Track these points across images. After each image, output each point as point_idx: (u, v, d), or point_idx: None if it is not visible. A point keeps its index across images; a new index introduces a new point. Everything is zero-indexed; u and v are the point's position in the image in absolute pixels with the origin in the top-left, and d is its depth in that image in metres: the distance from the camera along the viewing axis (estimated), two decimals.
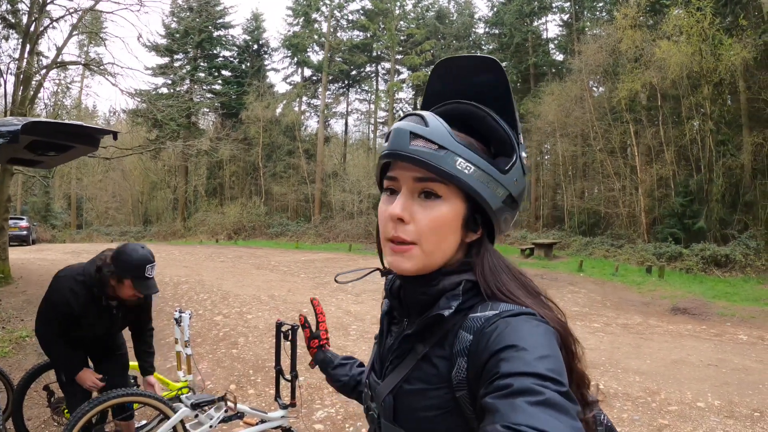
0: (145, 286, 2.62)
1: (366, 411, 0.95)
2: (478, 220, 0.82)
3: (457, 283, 0.81)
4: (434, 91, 0.91)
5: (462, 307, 0.79)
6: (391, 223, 0.80)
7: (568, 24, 28.65)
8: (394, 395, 0.84)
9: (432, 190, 0.79)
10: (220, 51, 35.62)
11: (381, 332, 0.98)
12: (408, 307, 0.88)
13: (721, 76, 15.86)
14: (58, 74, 12.59)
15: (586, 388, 0.83)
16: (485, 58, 0.85)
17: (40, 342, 2.79)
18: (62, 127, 2.62)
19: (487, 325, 0.73)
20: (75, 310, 2.65)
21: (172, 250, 20.81)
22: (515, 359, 0.65)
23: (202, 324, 7.46)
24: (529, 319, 0.73)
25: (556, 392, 0.60)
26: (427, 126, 0.77)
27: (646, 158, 19.65)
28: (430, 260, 0.81)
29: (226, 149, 29.06)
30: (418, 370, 0.81)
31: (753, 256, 13.90)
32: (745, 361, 6.10)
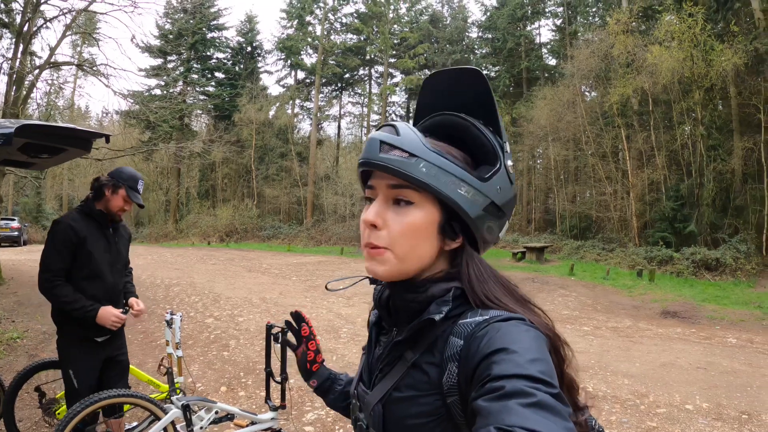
0: (135, 197, 2.89)
1: (354, 422, 0.94)
2: (456, 227, 0.82)
3: (446, 290, 0.81)
4: (425, 104, 0.92)
5: (451, 313, 0.80)
6: (367, 230, 0.82)
7: (561, 29, 28.85)
8: (383, 404, 0.83)
9: (404, 197, 0.80)
10: (214, 53, 35.58)
11: (369, 343, 0.98)
12: (397, 315, 0.88)
13: (712, 81, 15.98)
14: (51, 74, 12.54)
15: (577, 392, 0.83)
16: (466, 70, 0.86)
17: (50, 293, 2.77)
18: (54, 130, 2.62)
19: (478, 329, 0.74)
20: (79, 232, 2.79)
21: (164, 252, 20.75)
22: (507, 362, 0.65)
23: (193, 326, 7.44)
24: (519, 323, 0.73)
25: (547, 394, 0.60)
26: (398, 135, 0.79)
27: (638, 162, 19.77)
28: (404, 266, 0.81)
29: (219, 151, 28.98)
30: (408, 378, 0.81)
31: (743, 259, 14.00)
32: (733, 364, 6.15)
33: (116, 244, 3.02)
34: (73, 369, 2.85)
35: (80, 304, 2.77)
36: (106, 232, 2.95)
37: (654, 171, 18.79)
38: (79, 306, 2.76)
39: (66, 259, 2.79)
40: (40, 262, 2.80)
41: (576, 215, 22.65)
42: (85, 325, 2.83)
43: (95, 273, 2.86)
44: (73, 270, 2.82)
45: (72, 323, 2.84)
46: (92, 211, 2.90)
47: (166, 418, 2.92)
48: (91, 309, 2.78)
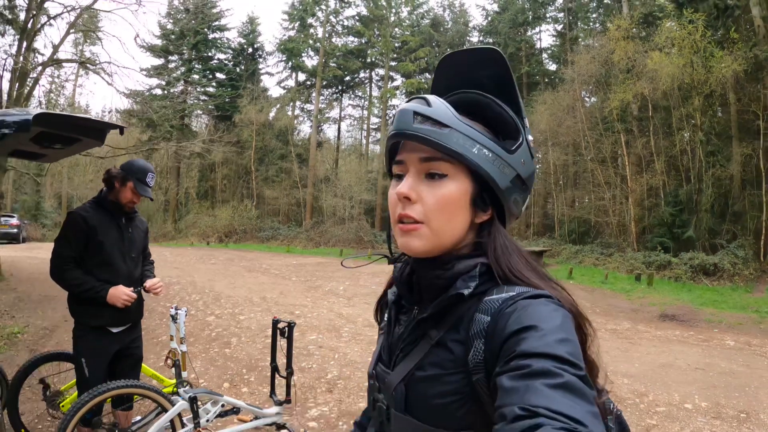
0: (143, 189, 2.90)
1: (373, 403, 0.90)
2: (486, 199, 0.82)
3: (473, 266, 0.81)
4: (439, 86, 0.92)
5: (477, 290, 0.79)
6: (400, 204, 0.82)
7: (562, 34, 28.97)
8: (405, 383, 0.81)
9: (437, 170, 0.80)
10: (215, 53, 35.68)
11: (389, 321, 0.95)
12: (421, 292, 0.87)
13: (711, 87, 16.05)
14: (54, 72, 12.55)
15: (596, 375, 0.82)
16: (487, 50, 0.86)
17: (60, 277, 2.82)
18: (71, 120, 2.66)
19: (506, 306, 0.73)
20: (89, 222, 2.84)
21: (163, 252, 20.74)
22: (535, 339, 0.65)
23: (194, 324, 7.46)
24: (548, 302, 0.73)
25: (574, 376, 0.59)
26: (430, 106, 0.79)
27: (637, 168, 19.83)
28: (440, 240, 0.81)
29: (219, 152, 29.01)
30: (432, 356, 0.80)
31: (741, 265, 14.06)
32: (732, 365, 6.19)
33: (130, 234, 3.05)
34: (85, 358, 2.89)
35: (90, 285, 2.81)
36: (118, 222, 2.99)
37: (653, 176, 18.85)
38: (89, 287, 2.81)
39: (75, 247, 2.84)
40: (52, 250, 2.86)
41: (575, 220, 22.71)
42: (103, 314, 2.87)
43: (106, 261, 2.90)
44: (85, 258, 2.87)
45: (88, 312, 2.88)
46: (104, 202, 2.96)
47: (174, 409, 2.95)
48: (101, 289, 2.83)
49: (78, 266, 2.86)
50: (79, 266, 2.86)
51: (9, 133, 2.13)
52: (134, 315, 3.08)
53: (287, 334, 3.62)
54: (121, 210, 2.99)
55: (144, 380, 4.38)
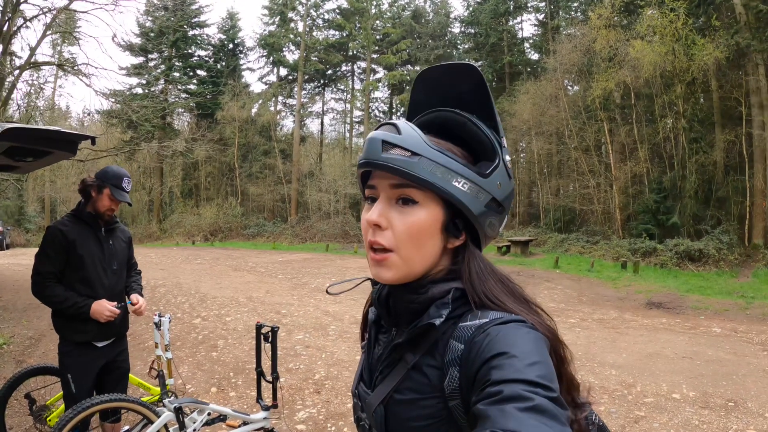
0: (120, 195, 2.87)
1: (357, 422, 0.94)
2: (459, 225, 0.81)
3: (446, 291, 0.81)
4: (418, 101, 0.91)
5: (452, 315, 0.79)
6: (370, 230, 0.81)
7: (544, 23, 28.98)
8: (384, 406, 0.83)
9: (408, 196, 0.79)
10: (195, 50, 35.23)
11: (369, 341, 0.96)
12: (397, 315, 0.87)
13: (693, 75, 16.18)
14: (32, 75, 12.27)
15: (576, 391, 0.83)
16: (462, 65, 0.85)
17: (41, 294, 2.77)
18: (40, 133, 2.58)
19: (478, 333, 0.74)
20: (68, 236, 2.79)
21: (149, 253, 20.53)
22: (506, 366, 0.65)
23: (180, 327, 7.38)
24: (519, 326, 0.73)
25: (545, 398, 0.60)
26: (400, 134, 0.78)
27: (620, 156, 19.96)
28: (410, 268, 0.81)
29: (202, 150, 28.72)
30: (409, 380, 0.81)
31: (726, 250, 14.23)
32: (719, 353, 6.24)
33: (111, 246, 2.99)
34: (71, 374, 2.84)
35: (72, 301, 2.76)
36: (98, 234, 2.93)
37: (637, 164, 18.98)
38: (71, 303, 2.76)
39: (55, 262, 2.79)
40: (33, 267, 2.81)
41: (560, 208, 22.82)
42: (87, 329, 2.82)
43: (87, 275, 2.85)
44: (66, 273, 2.82)
45: (72, 328, 2.84)
46: (82, 214, 2.90)
47: (159, 421, 2.90)
48: (83, 305, 2.77)
49: (59, 282, 2.81)
50: (61, 281, 2.82)
51: None
52: (119, 328, 3.02)
53: (271, 339, 3.57)
54: (99, 221, 2.94)
55: (130, 389, 4.32)
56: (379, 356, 0.89)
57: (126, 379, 3.20)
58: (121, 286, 3.09)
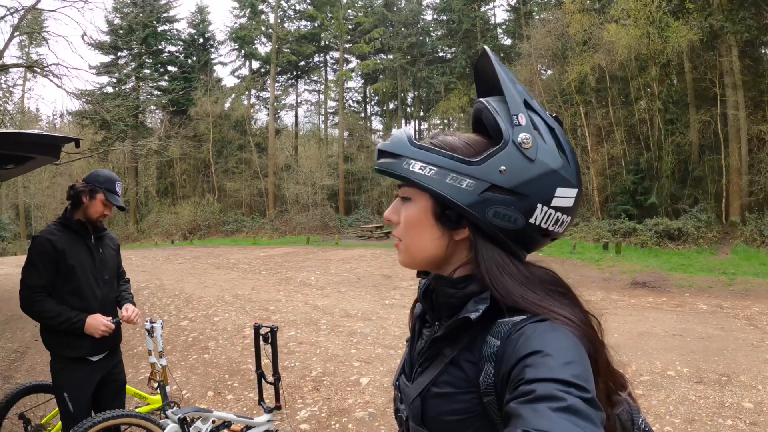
0: (114, 199, 2.78)
1: (395, 413, 0.96)
2: (452, 215, 0.82)
3: (485, 287, 0.80)
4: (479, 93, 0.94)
5: (490, 311, 0.78)
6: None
7: (516, 9, 29.00)
8: (422, 398, 0.84)
9: (404, 194, 0.88)
10: (166, 46, 34.67)
11: (413, 335, 0.99)
12: (439, 309, 0.88)
13: (668, 57, 16.39)
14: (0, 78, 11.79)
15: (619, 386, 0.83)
16: (480, 51, 0.90)
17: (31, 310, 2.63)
18: (20, 138, 2.44)
19: (514, 330, 0.74)
20: (57, 246, 2.65)
21: (128, 255, 20.19)
22: (540, 365, 0.65)
23: (169, 330, 7.25)
24: (554, 325, 0.73)
25: (579, 398, 0.60)
26: (389, 141, 0.86)
27: (597, 138, 20.17)
28: (411, 256, 0.88)
29: (176, 147, 28.34)
30: (447, 374, 0.82)
31: (704, 228, 14.51)
32: (707, 329, 6.36)
33: (101, 255, 2.86)
34: (67, 392, 2.71)
35: (65, 316, 2.62)
36: (88, 242, 2.81)
37: (613, 146, 19.20)
38: (64, 318, 2.61)
39: (45, 275, 2.64)
40: (20, 281, 2.66)
41: None
42: (79, 345, 2.69)
43: (79, 287, 2.71)
44: (56, 285, 2.68)
45: (63, 343, 2.69)
46: (71, 223, 2.76)
47: None
48: (77, 320, 2.64)
49: (50, 295, 2.66)
50: (51, 295, 2.67)
51: None
52: (113, 341, 2.90)
53: (271, 340, 3.51)
54: (88, 229, 2.81)
55: (126, 399, 4.22)
56: (420, 350, 0.91)
57: (124, 391, 3.09)
58: (113, 297, 2.97)
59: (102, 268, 2.86)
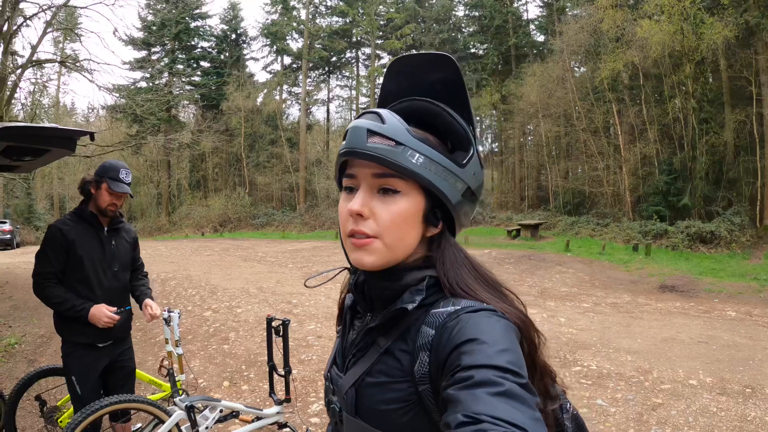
0: (117, 186, 2.75)
1: (327, 405, 0.95)
2: (438, 214, 0.83)
3: (420, 279, 0.82)
4: (389, 90, 0.92)
5: (425, 302, 0.80)
6: (351, 219, 0.81)
7: (549, 5, 28.61)
8: (356, 388, 0.84)
9: (390, 186, 0.80)
10: (198, 42, 35.22)
11: (344, 326, 0.98)
12: (372, 301, 0.88)
13: (702, 54, 15.95)
14: (34, 73, 12.18)
15: (551, 379, 0.85)
16: (439, 55, 0.85)
17: (41, 294, 2.73)
18: (36, 131, 2.52)
19: (449, 320, 0.75)
20: (68, 236, 2.72)
21: (158, 246, 20.63)
22: (476, 352, 0.66)
23: (191, 320, 7.38)
24: (490, 314, 0.74)
25: (515, 383, 0.62)
26: (384, 123, 0.79)
27: (630, 137, 19.78)
28: (392, 254, 0.81)
29: (208, 141, 28.77)
30: (381, 364, 0.82)
31: (738, 232, 14.09)
32: (734, 337, 6.17)
33: (113, 247, 2.90)
34: (75, 375, 2.79)
35: (70, 303, 2.70)
36: (100, 234, 2.85)
37: (646, 145, 18.80)
38: (70, 306, 2.69)
39: (55, 262, 2.73)
40: (34, 266, 2.76)
41: (569, 191, 22.69)
42: (86, 332, 2.76)
43: (86, 276, 2.78)
44: (67, 273, 2.76)
45: (72, 329, 2.78)
46: (84, 213, 2.83)
47: (170, 420, 2.87)
48: (81, 308, 2.70)
49: (60, 282, 2.75)
50: (62, 282, 2.75)
51: None
52: (120, 331, 2.93)
53: (282, 333, 3.55)
54: (102, 220, 2.86)
55: (141, 386, 4.32)
56: (353, 340, 0.90)
57: (132, 378, 3.15)
58: (123, 288, 3.00)
59: (112, 260, 2.89)
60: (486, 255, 13.45)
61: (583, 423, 0.94)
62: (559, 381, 0.88)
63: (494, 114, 31.14)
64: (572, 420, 0.92)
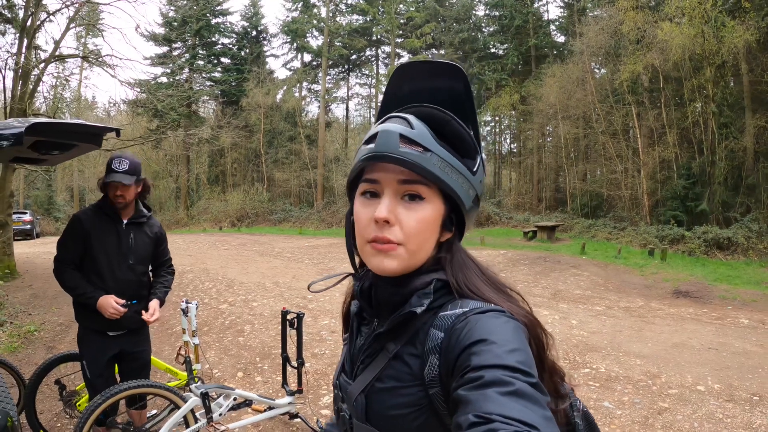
0: (109, 176, 2.79)
1: (336, 412, 0.94)
2: (453, 219, 0.85)
3: (428, 282, 0.82)
4: (393, 94, 0.91)
5: (433, 305, 0.81)
6: (375, 225, 0.81)
7: (569, 5, 28.41)
8: (366, 394, 0.84)
9: (416, 192, 0.80)
10: (219, 38, 35.47)
11: (351, 333, 0.98)
12: (379, 307, 0.88)
13: (723, 58, 15.75)
14: (57, 67, 12.43)
15: (559, 378, 0.85)
16: (448, 65, 0.86)
17: (59, 278, 2.85)
18: (65, 127, 2.63)
19: (458, 322, 0.76)
20: (85, 226, 2.83)
21: (176, 239, 20.91)
22: (485, 352, 0.67)
23: (208, 313, 7.53)
24: (498, 315, 0.75)
25: (525, 383, 0.62)
26: (413, 128, 0.79)
27: (649, 140, 19.60)
28: (414, 260, 0.82)
29: (228, 137, 29.05)
30: (390, 369, 0.82)
31: (755, 239, 13.92)
32: (745, 345, 6.15)
33: (131, 240, 2.95)
34: (86, 360, 2.91)
35: (82, 290, 2.81)
36: (118, 226, 2.92)
37: (665, 149, 18.62)
38: (81, 292, 2.81)
39: (71, 249, 2.85)
40: (56, 251, 2.90)
41: (587, 193, 22.54)
42: (98, 319, 2.85)
43: (100, 267, 2.87)
44: (84, 261, 2.88)
45: (86, 316, 2.89)
46: (104, 206, 2.92)
47: (186, 406, 2.99)
48: (90, 296, 2.80)
49: (78, 269, 2.87)
50: (79, 269, 2.87)
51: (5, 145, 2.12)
52: (131, 322, 2.95)
53: (296, 325, 3.66)
54: (121, 213, 2.93)
55: (157, 374, 4.46)
56: (361, 347, 0.90)
57: (147, 369, 3.20)
58: (138, 282, 3.01)
59: (128, 252, 2.94)
60: (501, 256, 13.47)
61: (593, 420, 0.95)
62: (568, 379, 0.89)
63: (513, 114, 31.01)
64: (583, 418, 0.93)
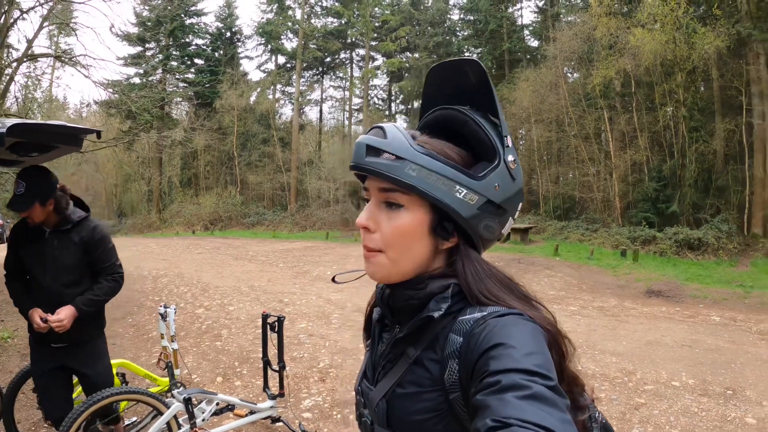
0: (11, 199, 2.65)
1: (359, 418, 0.95)
2: (448, 227, 0.82)
3: (445, 286, 0.82)
4: (428, 97, 0.93)
5: (451, 309, 0.81)
6: (362, 232, 0.84)
7: (543, 10, 28.79)
8: (387, 400, 0.84)
9: (394, 200, 0.81)
10: (193, 39, 35.02)
11: (372, 339, 0.99)
12: (398, 313, 0.89)
13: (694, 64, 16.13)
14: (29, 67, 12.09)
15: (579, 389, 0.84)
16: (463, 60, 0.86)
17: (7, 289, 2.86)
18: (45, 128, 2.57)
19: (476, 326, 0.75)
20: (15, 235, 2.81)
21: (149, 243, 20.59)
22: (503, 357, 0.67)
23: (184, 317, 7.43)
24: (517, 318, 0.75)
25: (543, 386, 0.62)
26: (386, 137, 0.79)
27: (620, 144, 19.94)
28: (398, 268, 0.83)
29: (201, 139, 28.70)
30: (411, 374, 0.82)
31: (725, 239, 14.28)
32: (717, 341, 6.31)
33: (54, 249, 2.76)
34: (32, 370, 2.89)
35: (19, 302, 2.79)
36: (41, 235, 2.77)
37: (636, 152, 18.96)
38: (19, 305, 2.79)
39: (10, 261, 2.82)
40: None
41: (559, 196, 22.82)
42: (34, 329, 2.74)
43: (31, 276, 2.82)
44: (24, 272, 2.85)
45: (30, 325, 2.78)
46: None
47: (169, 412, 2.94)
48: (23, 309, 2.76)
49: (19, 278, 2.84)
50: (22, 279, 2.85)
51: None
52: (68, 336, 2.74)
53: (277, 329, 3.64)
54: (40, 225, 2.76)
55: (136, 380, 4.37)
56: (382, 352, 0.91)
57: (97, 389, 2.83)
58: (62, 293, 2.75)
59: (49, 263, 2.77)
60: None
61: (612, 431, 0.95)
62: (588, 390, 0.87)
63: None
64: (601, 429, 0.92)
